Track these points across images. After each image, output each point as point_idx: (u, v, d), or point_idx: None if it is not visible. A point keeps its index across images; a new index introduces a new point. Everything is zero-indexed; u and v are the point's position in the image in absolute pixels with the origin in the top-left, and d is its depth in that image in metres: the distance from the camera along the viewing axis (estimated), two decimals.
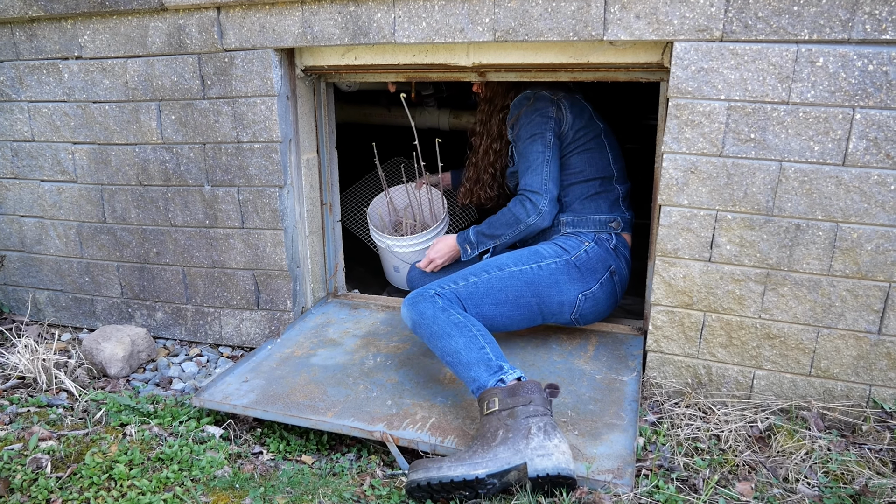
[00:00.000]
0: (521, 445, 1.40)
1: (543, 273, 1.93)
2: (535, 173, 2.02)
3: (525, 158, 2.05)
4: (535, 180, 2.02)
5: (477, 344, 1.66)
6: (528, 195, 2.02)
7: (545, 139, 2.03)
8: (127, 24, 2.09)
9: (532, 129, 2.04)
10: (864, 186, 1.57)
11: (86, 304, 2.50)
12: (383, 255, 2.68)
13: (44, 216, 2.44)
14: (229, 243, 2.23)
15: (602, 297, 2.01)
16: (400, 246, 2.51)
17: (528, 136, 2.05)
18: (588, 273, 1.97)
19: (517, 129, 2.10)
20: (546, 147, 2.02)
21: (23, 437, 1.70)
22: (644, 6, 1.63)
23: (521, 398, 1.48)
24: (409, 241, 2.50)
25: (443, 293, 1.82)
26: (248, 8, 1.96)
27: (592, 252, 2.00)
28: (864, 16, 1.48)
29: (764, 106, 1.60)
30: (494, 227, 2.09)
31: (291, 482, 1.55)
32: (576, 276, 1.96)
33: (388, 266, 2.70)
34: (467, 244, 2.16)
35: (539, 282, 1.92)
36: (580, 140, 2.08)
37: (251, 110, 2.06)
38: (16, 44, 2.25)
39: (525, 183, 2.03)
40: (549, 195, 2.01)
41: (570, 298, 1.95)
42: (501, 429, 1.44)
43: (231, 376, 1.90)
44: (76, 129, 2.28)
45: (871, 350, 1.68)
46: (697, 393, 1.84)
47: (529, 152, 2.04)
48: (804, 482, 1.51)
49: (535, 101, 2.07)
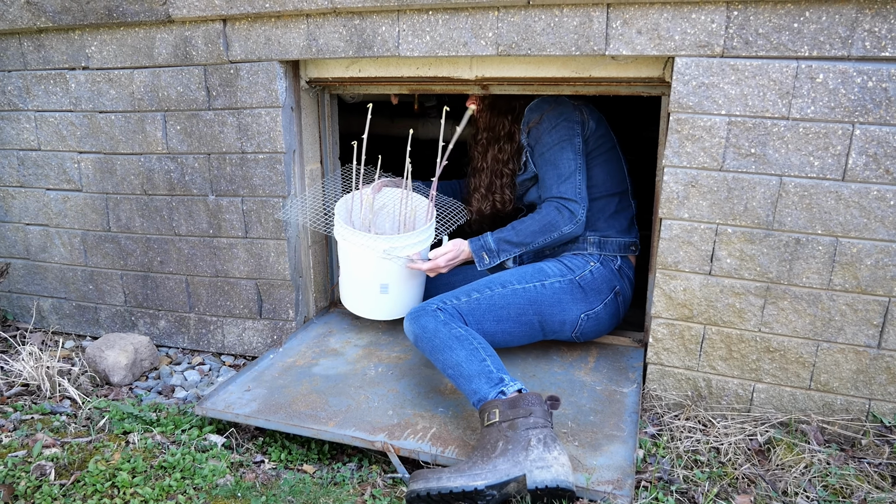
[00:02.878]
0: (520, 457, 1.41)
1: (547, 292, 1.91)
2: (569, 181, 1.92)
3: (555, 166, 1.96)
4: (569, 188, 1.92)
5: (478, 357, 1.66)
6: (564, 203, 1.92)
7: (574, 145, 1.95)
8: (134, 35, 2.12)
9: (559, 133, 1.95)
10: (864, 202, 1.59)
11: (89, 311, 2.52)
12: (359, 274, 2.05)
13: (49, 224, 2.46)
14: (233, 253, 2.24)
15: (605, 317, 1.99)
16: (403, 247, 1.98)
17: (555, 143, 1.96)
18: (592, 293, 1.95)
19: (540, 134, 2.00)
20: (577, 154, 1.95)
21: (27, 444, 1.71)
22: (646, 22, 1.65)
23: (522, 410, 1.48)
24: (412, 238, 2.00)
25: (445, 308, 1.82)
26: (253, 20, 1.98)
27: (597, 272, 1.97)
28: (864, 33, 1.50)
29: (764, 121, 1.62)
30: (523, 233, 1.95)
31: (293, 491, 1.56)
32: (579, 297, 1.93)
33: (371, 286, 2.05)
34: (485, 252, 1.98)
35: (542, 300, 1.90)
36: (601, 149, 2.03)
37: (256, 121, 2.08)
38: (24, 54, 2.28)
39: (559, 191, 1.93)
40: (584, 204, 1.93)
41: (573, 318, 1.94)
42: (501, 440, 1.45)
43: (233, 385, 1.91)
44: (82, 139, 2.30)
45: (871, 364, 1.69)
46: (697, 405, 1.85)
47: (559, 159, 1.95)
48: (803, 496, 1.51)
49: (557, 105, 1.99)
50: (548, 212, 1.93)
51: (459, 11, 1.79)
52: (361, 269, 2.03)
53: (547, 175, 1.97)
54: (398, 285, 2.06)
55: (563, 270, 1.96)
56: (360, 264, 2.03)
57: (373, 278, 2.04)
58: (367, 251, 1.97)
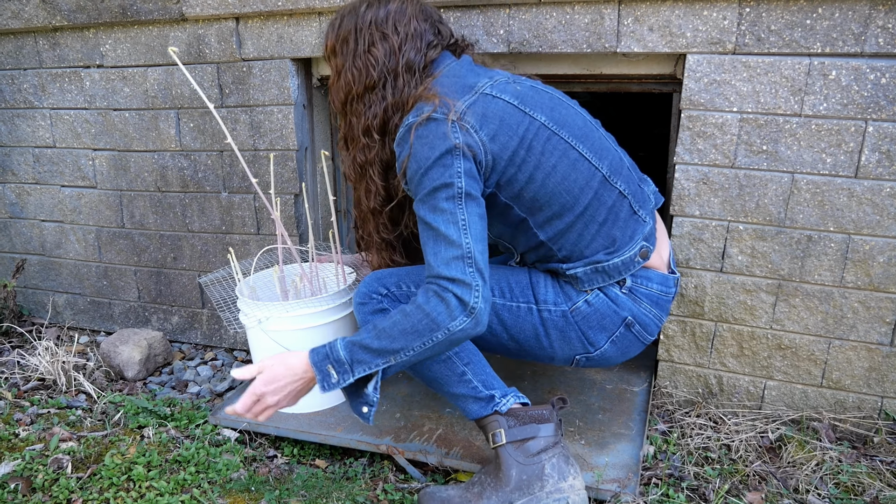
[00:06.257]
0: (535, 488, 1.37)
1: (532, 319, 1.45)
2: (452, 248, 1.25)
3: (429, 226, 1.29)
4: (454, 262, 1.25)
5: (455, 370, 1.41)
6: (447, 286, 1.24)
7: (453, 193, 1.27)
8: (148, 33, 2.13)
9: (431, 178, 1.28)
10: (877, 199, 1.58)
11: (103, 307, 2.55)
12: (252, 347, 1.80)
13: (64, 221, 2.48)
14: (245, 249, 2.26)
15: (615, 354, 1.50)
16: (294, 315, 1.66)
17: (427, 193, 1.29)
18: (594, 330, 1.45)
19: (410, 178, 1.33)
20: (462, 205, 1.27)
21: (44, 437, 1.74)
22: (657, 19, 1.65)
23: (529, 429, 1.39)
24: (307, 306, 1.67)
25: (396, 296, 1.45)
26: (266, 19, 1.99)
27: (596, 302, 1.44)
28: (877, 29, 1.49)
29: (776, 118, 1.61)
30: (388, 335, 1.26)
31: (306, 486, 1.58)
32: (573, 336, 1.45)
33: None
34: (331, 365, 1.27)
35: (523, 328, 1.45)
36: (545, 161, 1.35)
37: (268, 119, 2.09)
38: (39, 52, 2.30)
39: (437, 268, 1.26)
40: (484, 277, 1.25)
41: (566, 356, 1.50)
42: (514, 468, 1.38)
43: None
44: (97, 136, 2.33)
45: (884, 362, 1.68)
46: (708, 402, 1.85)
47: (435, 218, 1.28)
48: (815, 493, 1.51)
49: (423, 124, 1.30)
50: (425, 301, 1.25)
51: (472, 8, 1.79)
52: (252, 343, 1.79)
53: (423, 239, 1.31)
54: None
55: (558, 297, 1.45)
56: (250, 337, 1.78)
57: (260, 356, 1.74)
58: (249, 321, 1.71)
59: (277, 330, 1.68)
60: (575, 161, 1.37)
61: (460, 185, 1.26)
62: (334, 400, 1.82)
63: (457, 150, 1.27)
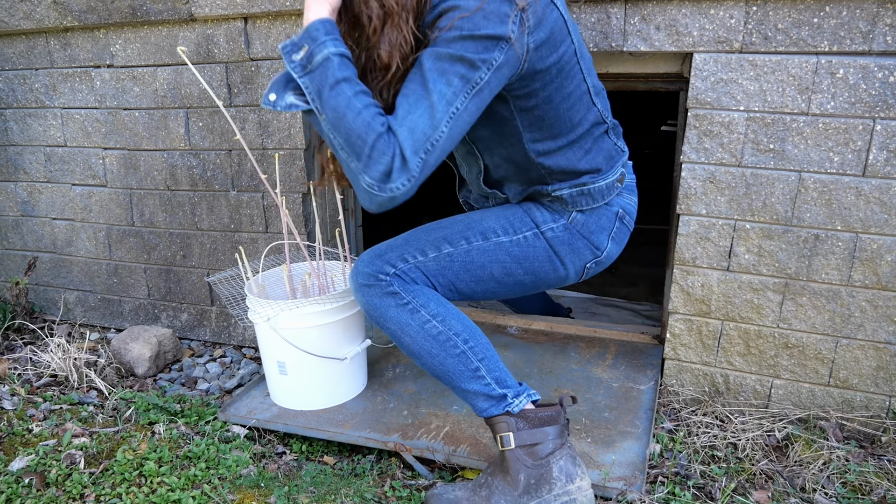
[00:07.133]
0: (543, 491, 1.38)
1: (540, 245, 1.47)
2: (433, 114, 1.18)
3: (423, 84, 1.21)
4: (418, 134, 1.18)
5: (469, 365, 1.41)
6: (398, 150, 1.17)
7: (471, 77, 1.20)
8: (157, 33, 2.15)
9: (456, 48, 1.20)
10: (885, 197, 1.58)
11: (114, 304, 2.57)
12: (261, 346, 1.82)
13: (74, 219, 2.51)
14: (254, 247, 2.28)
15: (615, 249, 1.56)
16: (303, 313, 1.69)
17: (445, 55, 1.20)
18: (595, 233, 1.50)
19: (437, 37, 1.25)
20: (468, 90, 1.21)
21: (56, 433, 1.77)
22: (664, 18, 1.65)
23: (538, 434, 1.40)
24: (314, 307, 1.69)
25: (405, 271, 1.40)
26: (274, 18, 2.00)
27: (590, 211, 1.52)
28: (885, 27, 1.49)
29: (783, 117, 1.61)
30: (337, 106, 1.17)
31: (314, 482, 1.59)
32: (581, 244, 1.50)
33: (270, 362, 1.80)
34: (290, 63, 1.23)
35: (535, 256, 1.47)
36: (563, 76, 1.33)
37: (276, 118, 2.10)
38: (50, 52, 2.32)
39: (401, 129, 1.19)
40: (424, 172, 1.20)
41: (577, 269, 1.53)
42: (523, 472, 1.39)
43: (256, 390, 1.94)
44: (107, 135, 2.35)
45: (891, 361, 1.68)
46: (715, 401, 1.85)
47: (435, 79, 1.21)
48: (821, 492, 1.52)
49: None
50: (379, 134, 1.16)
51: None
52: (260, 340, 1.81)
53: (408, 86, 1.21)
54: (297, 367, 1.76)
55: (554, 214, 1.50)
56: (259, 334, 1.81)
57: (269, 354, 1.79)
58: (258, 319, 1.73)
59: (286, 328, 1.70)
60: (583, 94, 1.39)
61: (482, 77, 1.18)
62: (343, 397, 1.84)
63: (504, 43, 1.18)
